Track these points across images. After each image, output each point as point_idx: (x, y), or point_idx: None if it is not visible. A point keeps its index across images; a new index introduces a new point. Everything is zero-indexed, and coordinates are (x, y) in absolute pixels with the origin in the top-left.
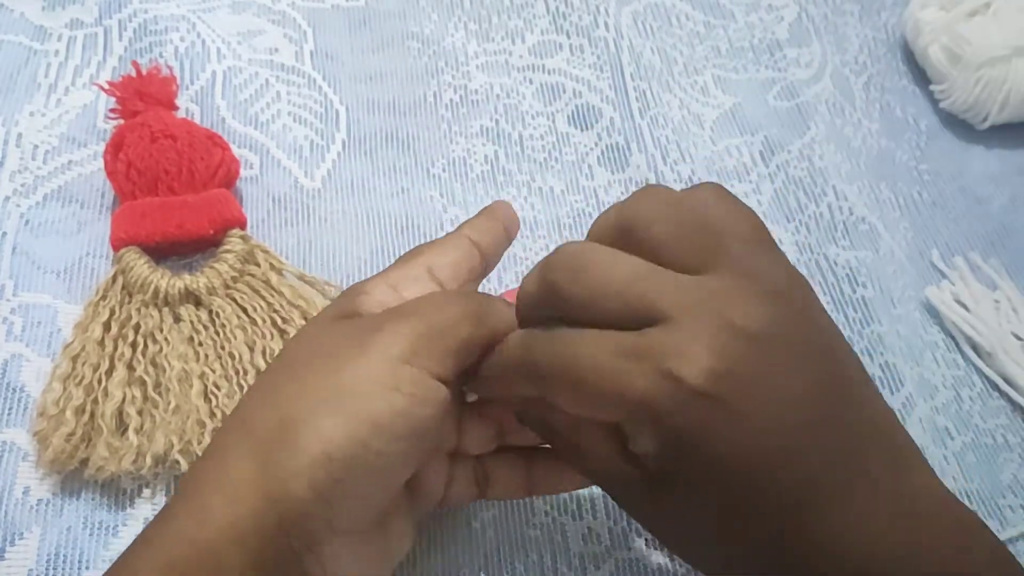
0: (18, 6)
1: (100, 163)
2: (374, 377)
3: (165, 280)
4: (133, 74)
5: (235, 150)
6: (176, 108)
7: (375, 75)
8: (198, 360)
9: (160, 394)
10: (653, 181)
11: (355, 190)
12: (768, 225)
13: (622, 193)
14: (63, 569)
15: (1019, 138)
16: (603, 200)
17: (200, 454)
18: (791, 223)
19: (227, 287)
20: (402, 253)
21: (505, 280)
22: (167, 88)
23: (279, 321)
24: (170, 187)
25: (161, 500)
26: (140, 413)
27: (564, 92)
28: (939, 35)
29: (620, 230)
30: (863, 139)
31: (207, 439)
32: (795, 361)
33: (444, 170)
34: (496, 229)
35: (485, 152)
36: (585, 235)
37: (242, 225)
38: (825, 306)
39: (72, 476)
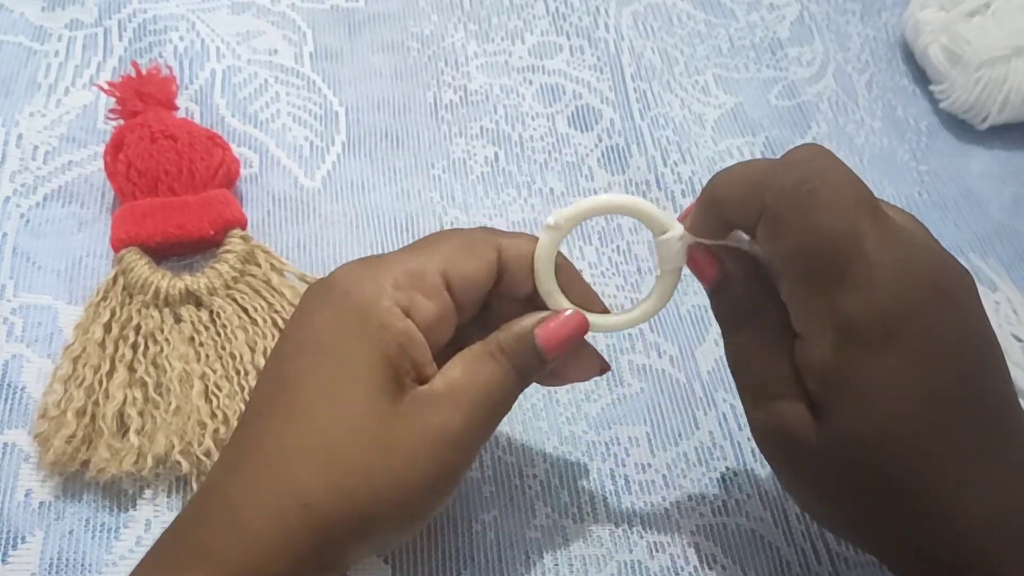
0: (18, 6)
1: (100, 163)
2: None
3: (166, 281)
4: (133, 74)
5: (235, 149)
6: (176, 108)
7: (375, 76)
8: (199, 361)
9: (161, 395)
10: (653, 182)
11: (355, 190)
12: None
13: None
14: (65, 572)
15: (1019, 138)
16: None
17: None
18: None
19: (228, 287)
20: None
21: None
22: (167, 88)
23: (280, 322)
24: (170, 187)
25: (163, 501)
26: (141, 414)
27: (564, 93)
28: (939, 35)
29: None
30: (866, 137)
31: (208, 440)
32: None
33: (444, 171)
34: (525, 252)
35: (485, 153)
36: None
37: (242, 225)
38: None
39: (73, 478)
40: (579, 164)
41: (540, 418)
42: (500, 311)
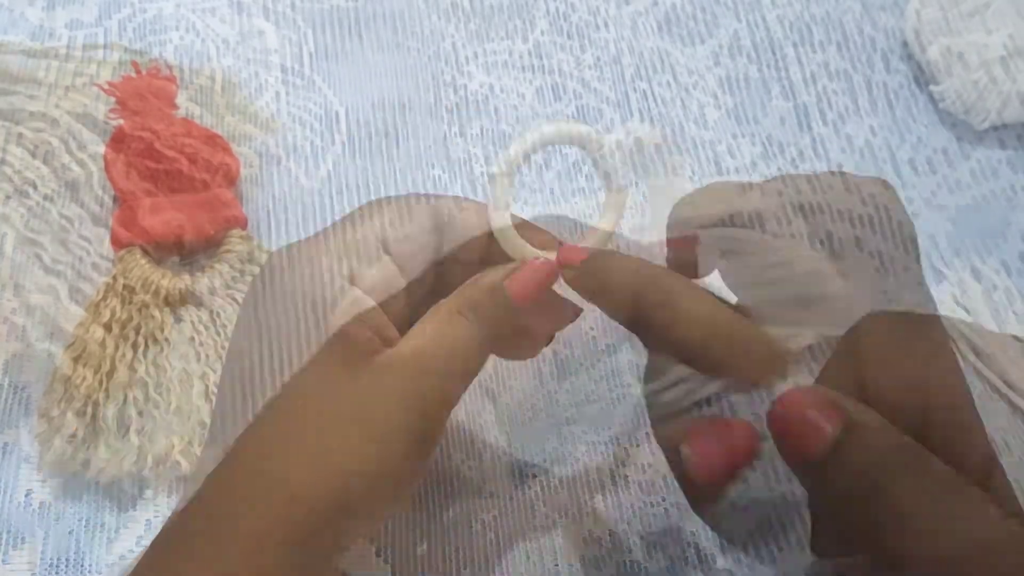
0: (18, 6)
1: (100, 163)
2: None
3: (166, 281)
4: (133, 74)
5: (235, 149)
6: (176, 108)
7: (375, 76)
8: (199, 360)
9: (161, 395)
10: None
11: (355, 190)
12: None
13: None
14: (65, 572)
15: (1019, 138)
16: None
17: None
18: None
19: (228, 287)
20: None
21: None
22: (167, 88)
23: None
24: (170, 187)
25: (163, 502)
26: (141, 414)
27: (564, 93)
28: (939, 35)
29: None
30: (866, 137)
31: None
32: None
33: (444, 171)
34: (469, 221)
35: (485, 153)
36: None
37: (243, 225)
38: None
39: (73, 478)
40: (579, 164)
41: (540, 418)
42: (457, 279)
